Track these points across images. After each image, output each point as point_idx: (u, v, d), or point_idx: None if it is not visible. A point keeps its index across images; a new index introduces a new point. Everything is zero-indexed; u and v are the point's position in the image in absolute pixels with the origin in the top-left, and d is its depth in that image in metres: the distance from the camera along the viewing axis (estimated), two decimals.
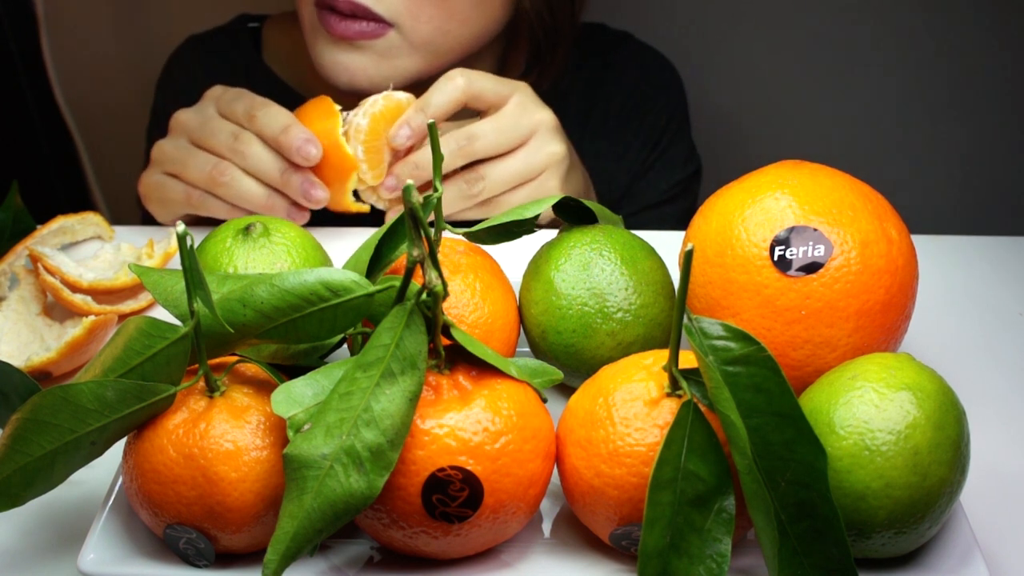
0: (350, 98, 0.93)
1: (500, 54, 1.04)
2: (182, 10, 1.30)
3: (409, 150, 0.85)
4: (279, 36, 1.08)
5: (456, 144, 0.82)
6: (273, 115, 0.83)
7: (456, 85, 0.83)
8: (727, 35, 1.34)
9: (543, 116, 0.85)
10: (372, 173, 0.84)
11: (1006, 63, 1.33)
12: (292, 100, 1.05)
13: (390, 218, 0.84)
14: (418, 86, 0.94)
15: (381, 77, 0.92)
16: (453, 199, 0.84)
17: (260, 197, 0.83)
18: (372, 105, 0.83)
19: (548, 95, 0.89)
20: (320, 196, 0.83)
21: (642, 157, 1.06)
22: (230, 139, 0.83)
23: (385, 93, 0.84)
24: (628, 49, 1.10)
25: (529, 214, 0.64)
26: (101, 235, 0.87)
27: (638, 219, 1.02)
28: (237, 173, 0.83)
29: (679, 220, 1.04)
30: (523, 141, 0.84)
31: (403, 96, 0.84)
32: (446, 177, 0.84)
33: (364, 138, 0.83)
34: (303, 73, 1.06)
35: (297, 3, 0.95)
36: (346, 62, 0.92)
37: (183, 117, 0.87)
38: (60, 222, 0.84)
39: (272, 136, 0.82)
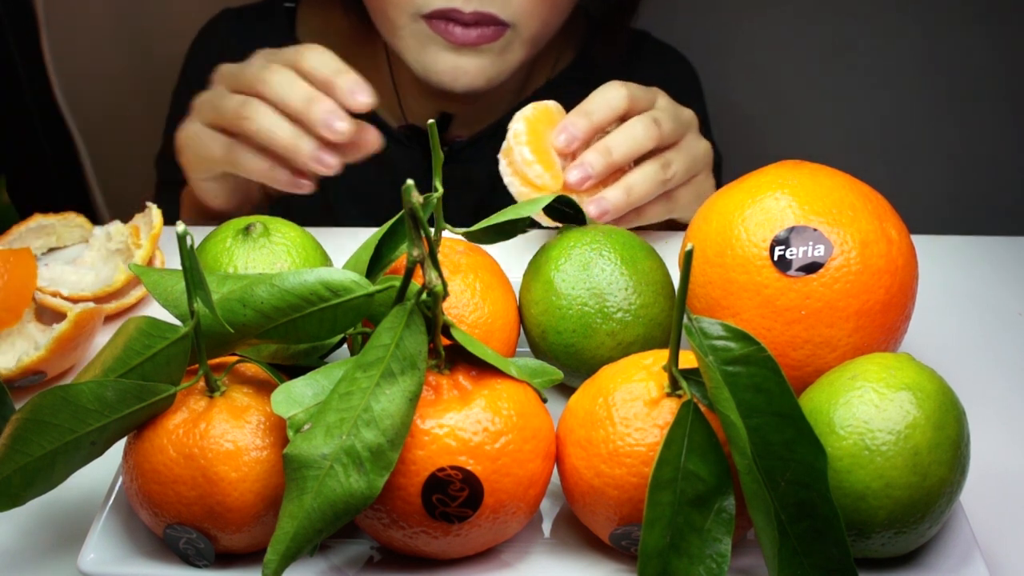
0: (461, 101, 0.94)
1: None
2: (182, 10, 1.30)
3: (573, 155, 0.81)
4: (313, 17, 1.10)
5: (644, 128, 0.80)
6: (317, 58, 0.80)
7: (620, 94, 0.81)
8: (735, 36, 1.34)
9: (691, 113, 0.86)
10: (549, 174, 0.78)
11: (1006, 64, 1.33)
12: None
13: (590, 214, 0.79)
14: (510, 79, 0.97)
15: (496, 73, 0.94)
16: (650, 184, 0.80)
17: (285, 133, 0.80)
18: (522, 111, 0.80)
19: (573, 89, 0.89)
20: (342, 128, 0.79)
21: None
22: (258, 71, 0.81)
23: (528, 105, 0.81)
24: (647, 47, 1.12)
25: (525, 212, 0.64)
26: (86, 238, 0.86)
27: None
28: (262, 107, 0.80)
29: None
30: (683, 134, 0.84)
31: (549, 103, 0.82)
32: (637, 161, 0.81)
33: (527, 139, 0.79)
34: (338, 48, 1.07)
35: (389, 22, 0.95)
36: (466, 66, 0.93)
37: (224, 68, 0.85)
38: (39, 220, 0.83)
39: (320, 80, 0.80)
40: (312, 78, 0.80)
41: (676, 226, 0.95)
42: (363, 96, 0.79)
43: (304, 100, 0.79)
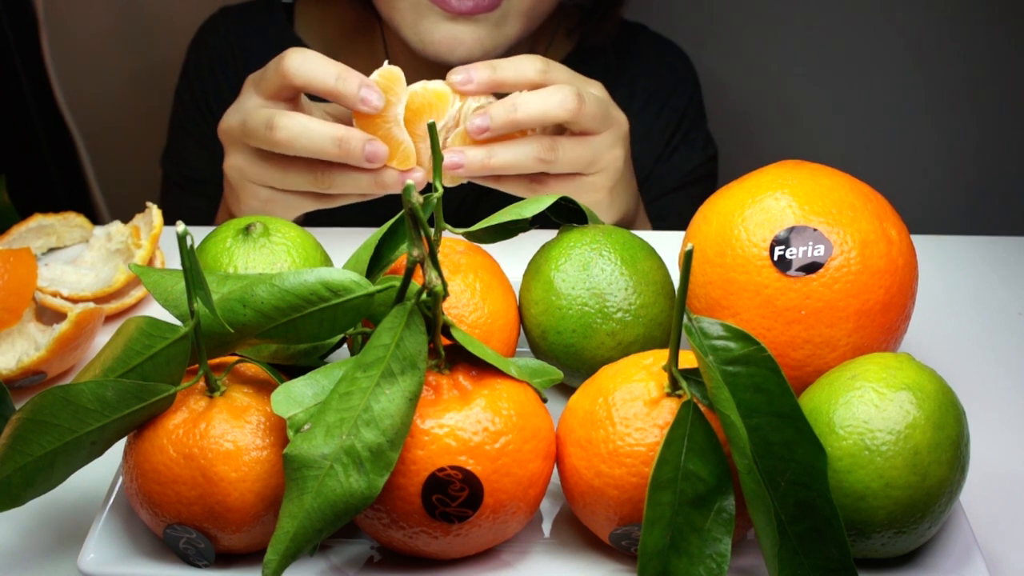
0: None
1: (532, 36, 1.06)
2: (182, 10, 1.30)
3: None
4: (312, 9, 1.10)
5: (562, 96, 0.77)
6: (310, 67, 0.77)
7: (533, 65, 0.79)
8: (735, 36, 1.34)
9: (622, 117, 0.83)
10: (396, 160, 0.77)
11: (1007, 63, 1.33)
12: None
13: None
14: (505, 54, 0.94)
15: (492, 46, 0.93)
16: (518, 158, 0.78)
17: (327, 141, 0.76)
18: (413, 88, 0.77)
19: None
20: (383, 153, 0.77)
21: (665, 139, 1.07)
22: (268, 133, 0.77)
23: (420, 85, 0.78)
24: (645, 39, 1.12)
25: (527, 213, 0.64)
26: (86, 238, 0.86)
27: (664, 201, 1.03)
28: (297, 119, 0.77)
29: (703, 201, 1.05)
30: (599, 131, 0.81)
31: (436, 84, 0.78)
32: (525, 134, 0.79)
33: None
34: (335, 44, 1.08)
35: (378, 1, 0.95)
36: (462, 36, 0.92)
37: (226, 127, 0.83)
38: (38, 220, 0.83)
39: (326, 90, 0.77)
40: (334, 97, 0.77)
41: (676, 226, 0.95)
42: (373, 96, 0.76)
43: (335, 144, 0.76)
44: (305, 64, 0.77)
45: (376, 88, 0.76)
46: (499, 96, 0.79)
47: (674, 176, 1.07)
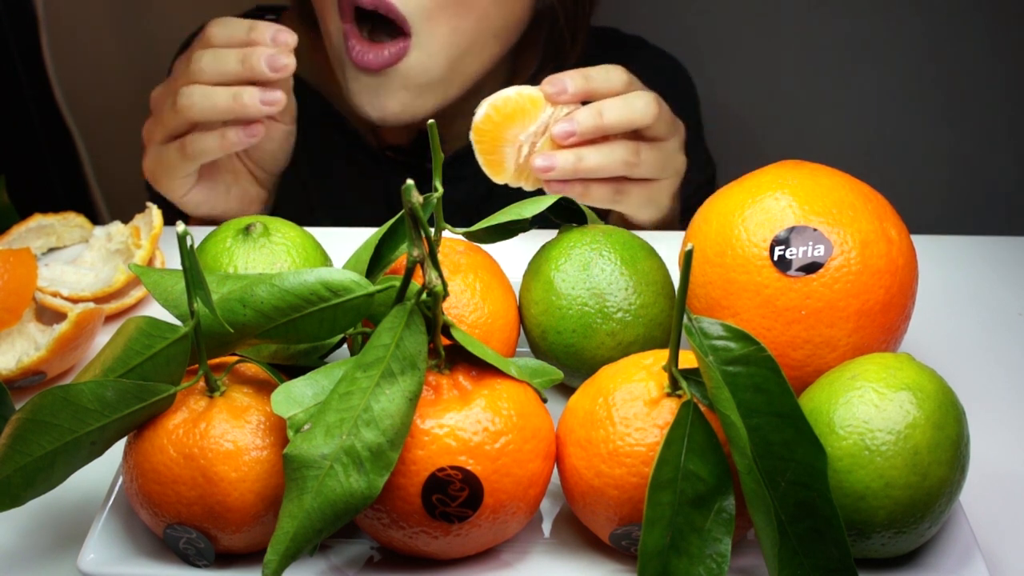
0: (395, 132, 0.91)
1: (512, 62, 1.03)
2: (181, 10, 1.30)
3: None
4: (295, 29, 1.09)
5: (644, 103, 0.79)
6: (222, 28, 0.82)
7: (622, 77, 0.80)
8: (731, 37, 1.34)
9: (681, 124, 0.85)
10: (499, 179, 0.78)
11: (1006, 64, 1.33)
12: (307, 93, 1.05)
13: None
14: (445, 114, 0.92)
15: (416, 101, 0.91)
16: (606, 161, 0.78)
17: (223, 95, 0.80)
18: (491, 100, 0.76)
19: None
20: (287, 61, 0.81)
21: None
22: (182, 70, 0.82)
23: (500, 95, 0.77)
24: (643, 55, 1.09)
25: (527, 214, 0.64)
26: (86, 238, 0.86)
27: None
28: (192, 88, 0.81)
29: None
30: (669, 137, 0.83)
31: (525, 90, 0.78)
32: (617, 137, 0.80)
33: (478, 147, 0.76)
34: (318, 66, 1.06)
35: (324, 39, 0.94)
36: (376, 88, 0.90)
37: (155, 94, 0.87)
38: (38, 220, 0.83)
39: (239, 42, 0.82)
40: (231, 45, 0.81)
41: (676, 226, 0.95)
42: (284, 35, 0.80)
43: (238, 60, 0.80)
44: (224, 29, 0.83)
45: (282, 29, 0.82)
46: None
47: None
